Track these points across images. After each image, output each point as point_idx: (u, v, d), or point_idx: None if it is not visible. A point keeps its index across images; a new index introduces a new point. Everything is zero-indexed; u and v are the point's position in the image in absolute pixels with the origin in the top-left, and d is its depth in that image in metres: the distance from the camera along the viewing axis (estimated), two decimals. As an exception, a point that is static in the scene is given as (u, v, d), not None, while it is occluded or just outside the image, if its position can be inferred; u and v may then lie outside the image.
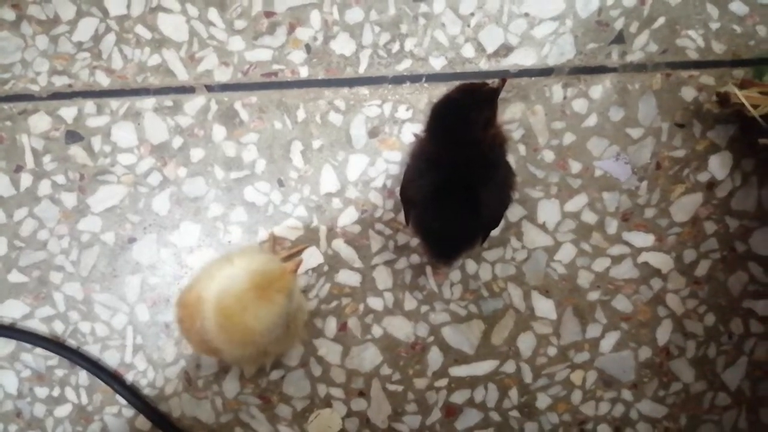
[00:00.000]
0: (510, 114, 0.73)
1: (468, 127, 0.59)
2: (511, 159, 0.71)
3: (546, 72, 0.74)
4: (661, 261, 0.74)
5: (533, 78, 0.75)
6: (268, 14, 0.72)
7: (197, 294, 0.57)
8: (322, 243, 0.73)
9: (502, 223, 0.71)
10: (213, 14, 0.72)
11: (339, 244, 0.73)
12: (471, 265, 0.73)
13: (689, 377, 0.76)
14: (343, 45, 0.76)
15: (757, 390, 0.77)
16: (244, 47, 0.75)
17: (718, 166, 0.74)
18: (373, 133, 0.73)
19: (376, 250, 0.73)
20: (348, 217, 0.76)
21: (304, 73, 0.75)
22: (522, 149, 0.73)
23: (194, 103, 0.76)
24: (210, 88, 0.76)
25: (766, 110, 0.66)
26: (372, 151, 0.75)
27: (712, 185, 0.74)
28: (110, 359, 0.73)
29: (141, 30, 0.73)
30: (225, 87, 0.76)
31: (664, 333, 0.76)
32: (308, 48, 0.72)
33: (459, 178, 0.60)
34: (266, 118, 0.75)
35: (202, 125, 0.75)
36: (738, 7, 0.73)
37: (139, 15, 0.75)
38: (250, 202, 0.73)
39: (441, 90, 0.73)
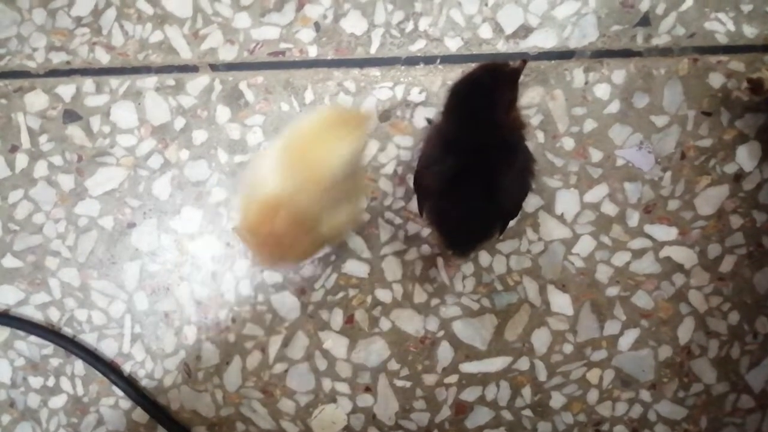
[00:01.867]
0: (528, 98, 0.71)
1: (491, 108, 0.57)
2: (529, 145, 0.67)
3: (567, 55, 0.71)
4: (684, 256, 0.72)
5: (553, 61, 0.73)
6: None
7: (258, 205, 0.58)
8: None
9: (518, 214, 0.68)
10: None
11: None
12: (485, 257, 0.71)
13: (711, 378, 0.73)
14: (354, 23, 0.73)
15: None
16: (250, 24, 0.72)
17: (746, 157, 0.71)
18: (384, 116, 0.70)
19: (385, 240, 0.71)
20: None
21: (312, 52, 0.73)
22: (540, 136, 0.70)
23: (197, 83, 0.74)
24: (214, 67, 0.74)
25: None
26: (383, 136, 0.73)
27: (739, 177, 0.72)
28: (107, 349, 0.71)
29: (143, 5, 0.71)
30: (230, 66, 0.74)
31: (685, 331, 0.73)
32: (317, 26, 0.70)
33: (478, 163, 0.58)
34: (272, 99, 0.73)
35: (206, 106, 0.73)
36: None
37: None
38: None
39: (456, 72, 0.71)
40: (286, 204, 0.55)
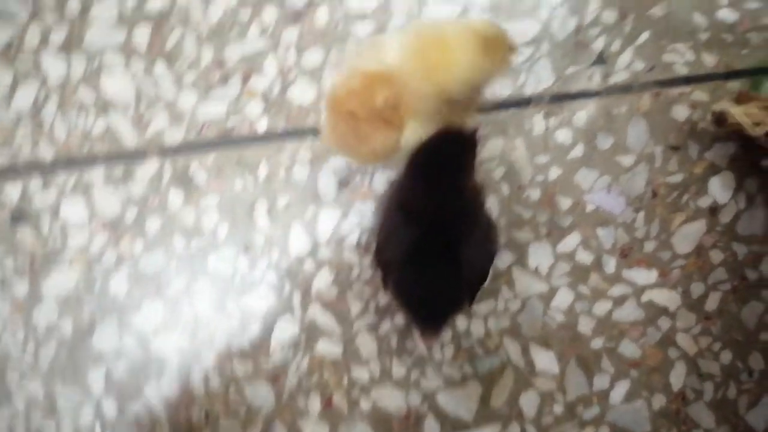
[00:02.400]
0: (489, 151, 0.68)
1: (453, 176, 0.56)
2: (493, 200, 0.68)
3: (524, 102, 0.69)
4: (667, 298, 0.69)
5: (510, 110, 0.71)
6: (219, 64, 0.67)
7: (364, 72, 0.57)
8: (296, 311, 0.68)
9: (490, 272, 0.67)
10: (160, 69, 0.67)
11: (315, 311, 0.68)
12: (461, 322, 0.69)
13: (710, 422, 0.71)
14: (302, 92, 0.72)
15: None
16: (195, 102, 0.70)
17: (719, 188, 0.69)
18: (342, 184, 0.68)
19: (356, 315, 0.68)
20: (323, 280, 0.72)
21: (262, 126, 0.71)
22: (505, 188, 0.68)
23: (146, 169, 0.72)
24: (162, 152, 0.72)
25: (767, 128, 0.60)
26: (343, 204, 0.71)
27: (714, 210, 0.69)
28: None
29: (84, 94, 0.68)
30: (178, 149, 0.72)
31: (677, 377, 0.70)
32: (265, 98, 0.67)
33: (440, 233, 0.57)
34: (225, 178, 0.71)
35: (157, 192, 0.71)
36: (727, 15, 0.67)
37: (80, 77, 0.69)
38: (214, 272, 0.68)
39: None
40: (396, 86, 0.55)
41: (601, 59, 0.68)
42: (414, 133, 0.58)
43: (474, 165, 0.58)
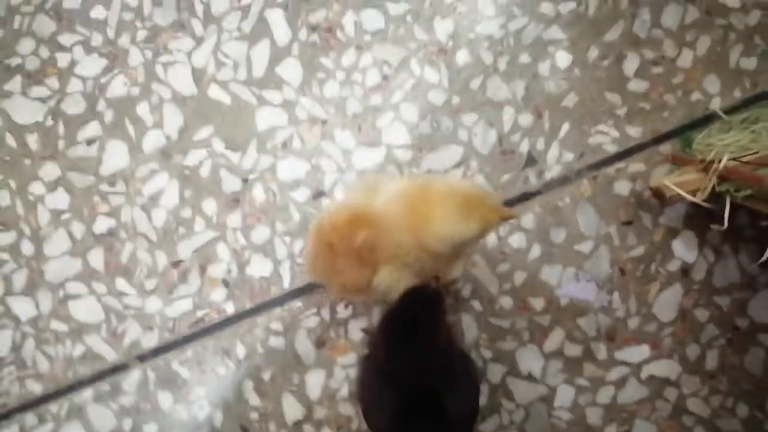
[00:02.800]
0: (450, 274, 0.69)
1: (430, 337, 0.61)
2: (468, 319, 0.76)
3: None
4: (666, 369, 0.73)
5: None
6: (175, 264, 0.73)
7: (353, 209, 0.62)
8: None
9: (487, 388, 0.77)
10: (121, 284, 0.75)
11: None
12: None
13: None
14: (259, 267, 0.84)
15: None
16: (162, 305, 0.82)
17: (684, 249, 0.72)
18: (319, 343, 0.69)
19: None
20: None
21: (230, 309, 0.84)
22: (477, 305, 0.71)
23: (131, 379, 0.84)
24: (142, 358, 0.84)
25: (707, 193, 0.61)
26: (326, 362, 0.83)
27: (686, 271, 0.71)
28: None
29: (56, 325, 0.73)
30: (156, 351, 0.84)
31: None
32: (226, 282, 0.70)
33: (420, 392, 0.61)
34: (207, 368, 0.84)
35: (147, 398, 0.84)
36: (636, 85, 0.72)
37: (50, 311, 0.79)
38: None
39: None
40: (378, 229, 0.59)
41: (531, 160, 0.71)
42: (388, 277, 0.63)
43: (444, 319, 0.65)
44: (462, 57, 0.82)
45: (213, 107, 0.83)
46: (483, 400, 0.79)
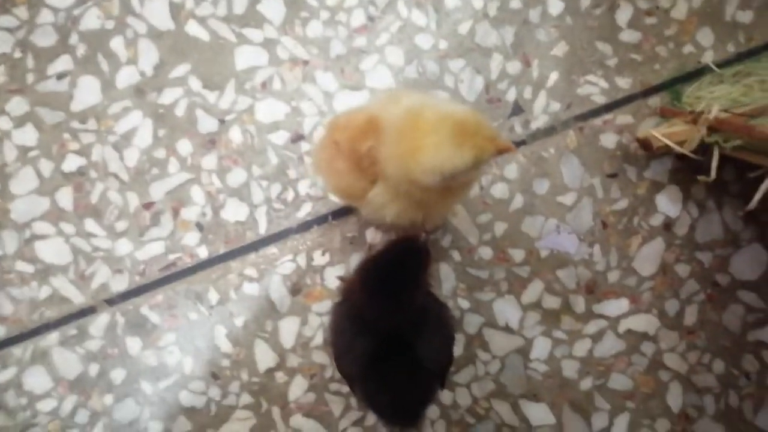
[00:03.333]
0: (431, 223, 0.68)
1: (412, 288, 0.60)
2: (447, 269, 0.75)
3: None
4: (644, 323, 0.72)
5: None
6: (147, 205, 0.70)
7: (368, 116, 0.59)
8: (279, 426, 0.69)
9: (463, 338, 0.76)
10: (90, 225, 0.73)
11: (298, 421, 0.73)
12: (446, 395, 0.75)
13: None
14: (235, 211, 0.82)
15: None
16: (132, 248, 0.85)
17: (667, 203, 0.70)
18: (295, 290, 0.67)
19: (339, 414, 0.70)
20: (298, 388, 0.80)
21: (203, 253, 0.82)
22: (456, 255, 0.70)
23: (99, 323, 0.81)
24: (111, 302, 0.82)
25: (695, 144, 0.60)
26: (300, 310, 0.81)
27: (668, 226, 0.70)
28: None
29: (22, 266, 0.71)
30: (125, 295, 0.81)
31: (675, 398, 0.73)
32: (200, 226, 0.68)
33: (394, 338, 0.61)
34: (178, 313, 0.82)
35: (114, 343, 0.81)
36: (629, 36, 0.70)
37: (15, 251, 0.81)
38: (189, 407, 0.70)
39: (352, 223, 0.79)
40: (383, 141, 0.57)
41: (518, 109, 0.70)
42: (381, 195, 0.60)
43: (427, 272, 0.64)
44: (451, 0, 0.80)
45: (190, 44, 0.80)
46: (459, 350, 0.78)
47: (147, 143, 0.80)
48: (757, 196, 0.60)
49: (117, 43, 0.80)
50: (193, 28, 0.80)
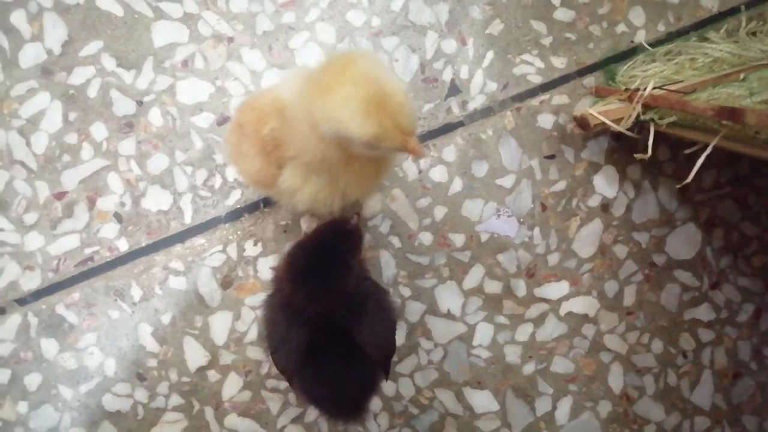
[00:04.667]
0: (369, 208, 0.64)
1: (344, 273, 0.57)
2: (387, 256, 0.72)
3: None
4: (584, 305, 0.71)
5: None
6: (59, 195, 0.66)
7: (274, 96, 0.56)
8: (213, 427, 0.64)
9: (405, 327, 0.73)
10: None
11: (233, 420, 0.68)
12: (389, 387, 0.71)
13: (659, 414, 0.71)
14: (157, 200, 0.76)
15: (732, 399, 0.81)
16: (44, 242, 0.76)
17: (604, 184, 0.69)
18: (225, 283, 0.63)
19: (277, 412, 0.66)
20: (233, 387, 0.75)
21: (123, 246, 0.76)
22: (396, 241, 0.67)
23: (9, 325, 0.73)
24: (22, 302, 0.74)
25: (631, 121, 0.59)
26: (232, 304, 0.76)
27: (606, 206, 0.69)
28: None
29: None
30: (38, 294, 0.74)
31: (616, 379, 0.72)
32: (118, 217, 0.63)
33: (330, 328, 0.58)
34: (98, 311, 0.75)
35: (28, 345, 0.74)
36: (563, 15, 0.69)
37: None
38: (113, 411, 0.66)
39: (285, 211, 0.75)
40: (288, 129, 0.53)
41: (455, 89, 0.67)
42: (290, 179, 0.57)
43: (358, 255, 0.62)
44: (383, -26, 0.84)
45: (103, 19, 0.73)
46: (401, 339, 0.76)
47: (56, 127, 0.73)
48: (694, 170, 0.60)
49: (19, 18, 0.73)
50: (105, 1, 0.73)
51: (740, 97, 0.66)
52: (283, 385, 0.75)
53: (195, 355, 0.74)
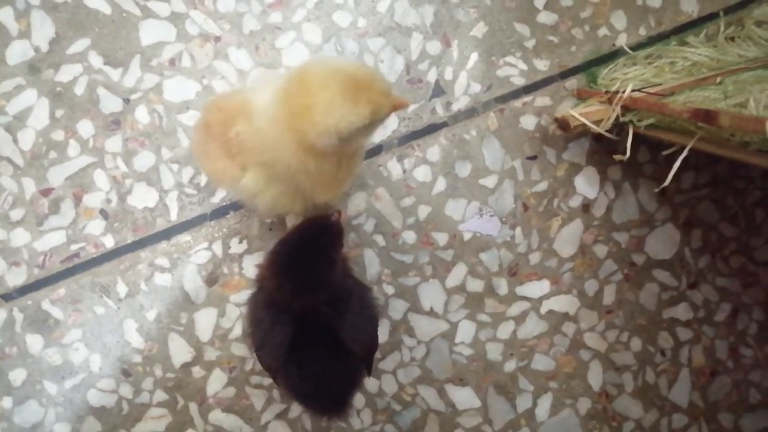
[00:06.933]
0: (354, 207, 0.66)
1: (326, 268, 0.57)
2: (371, 254, 0.73)
3: (376, 151, 0.83)
4: (565, 303, 0.72)
5: (365, 161, 0.77)
6: (45, 192, 0.66)
7: (243, 99, 0.55)
8: (197, 422, 0.64)
9: (388, 324, 0.74)
10: None
11: (218, 416, 0.68)
12: (372, 383, 0.70)
13: (638, 411, 0.72)
14: (143, 197, 0.75)
15: (708, 397, 0.82)
16: (30, 238, 0.75)
17: (585, 185, 0.70)
18: (211, 280, 0.63)
19: (261, 408, 0.65)
20: (217, 383, 0.75)
21: (109, 242, 0.76)
22: (380, 240, 0.67)
23: None
24: (7, 297, 0.74)
25: (610, 122, 0.60)
26: (217, 301, 0.76)
27: (587, 207, 0.70)
28: None
29: None
30: (24, 290, 0.74)
31: (596, 376, 0.72)
32: (104, 214, 0.63)
33: (313, 325, 0.58)
34: (83, 307, 0.75)
35: (13, 341, 0.74)
36: (546, 18, 0.69)
37: None
38: (98, 406, 0.68)
39: None
40: (253, 133, 0.53)
41: (439, 90, 0.68)
42: (252, 182, 0.57)
43: (340, 248, 0.62)
44: (369, -24, 0.85)
45: (90, 17, 0.73)
46: (384, 336, 0.76)
47: (43, 124, 0.73)
48: (672, 172, 0.61)
49: (6, 15, 0.72)
50: (93, -1, 0.82)
51: (716, 100, 0.67)
52: (267, 381, 0.76)
53: (180, 352, 0.74)
